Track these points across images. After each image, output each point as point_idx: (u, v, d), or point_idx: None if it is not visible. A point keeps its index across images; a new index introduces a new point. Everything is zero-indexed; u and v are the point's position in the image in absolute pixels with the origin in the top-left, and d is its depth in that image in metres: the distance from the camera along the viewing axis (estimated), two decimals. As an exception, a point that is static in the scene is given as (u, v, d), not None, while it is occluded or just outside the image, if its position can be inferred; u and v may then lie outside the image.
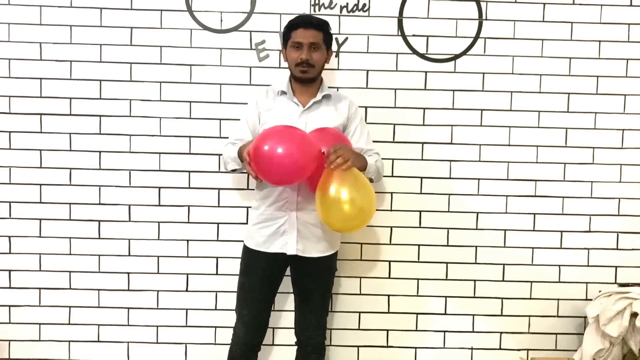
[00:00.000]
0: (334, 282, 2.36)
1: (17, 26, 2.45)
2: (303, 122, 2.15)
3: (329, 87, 2.32)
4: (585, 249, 2.59)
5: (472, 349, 2.61)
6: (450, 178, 2.55)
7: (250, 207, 2.33)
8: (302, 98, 2.19)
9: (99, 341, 2.54)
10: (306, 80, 2.17)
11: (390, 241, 2.56)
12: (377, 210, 2.52)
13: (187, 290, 2.54)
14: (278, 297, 2.48)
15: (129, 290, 2.53)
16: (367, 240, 2.55)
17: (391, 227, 2.56)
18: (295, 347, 2.30)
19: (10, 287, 2.51)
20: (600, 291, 2.46)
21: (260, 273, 2.19)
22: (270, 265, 2.19)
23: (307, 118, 2.17)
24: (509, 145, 2.55)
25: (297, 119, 2.16)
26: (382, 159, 2.32)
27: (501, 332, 2.60)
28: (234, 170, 2.24)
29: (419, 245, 2.56)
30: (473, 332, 2.60)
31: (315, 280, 2.22)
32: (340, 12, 2.48)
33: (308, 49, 2.12)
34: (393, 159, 2.52)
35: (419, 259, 2.56)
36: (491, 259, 2.58)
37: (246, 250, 2.23)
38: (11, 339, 2.53)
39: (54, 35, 2.45)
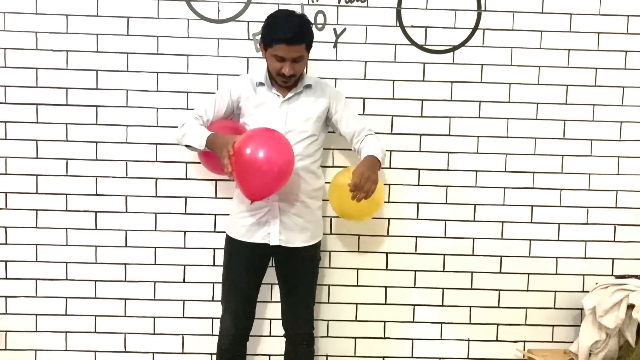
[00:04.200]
0: (331, 274, 2.36)
1: (13, 15, 2.42)
2: (283, 112, 2.13)
3: (320, 78, 2.31)
4: (582, 241, 2.59)
5: (468, 340, 2.61)
6: (448, 170, 2.54)
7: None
8: (281, 89, 2.17)
9: (95, 332, 2.54)
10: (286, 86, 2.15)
11: (388, 233, 2.56)
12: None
13: (184, 282, 2.53)
14: (273, 288, 2.49)
15: (125, 281, 2.53)
16: (364, 232, 2.55)
17: (388, 219, 2.55)
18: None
19: (6, 278, 2.51)
20: (597, 283, 2.47)
21: (244, 264, 2.18)
22: (253, 255, 2.17)
23: (287, 109, 2.15)
24: (507, 137, 2.54)
25: (278, 109, 2.14)
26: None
27: (498, 324, 2.61)
28: (187, 146, 2.16)
29: (416, 237, 2.56)
30: (470, 324, 2.60)
31: (300, 271, 2.21)
32: (339, 2, 2.46)
33: (291, 63, 2.05)
34: (391, 151, 2.51)
35: (416, 250, 2.56)
36: (489, 251, 2.58)
37: (229, 241, 2.22)
38: (7, 329, 2.52)
39: (50, 25, 2.43)
